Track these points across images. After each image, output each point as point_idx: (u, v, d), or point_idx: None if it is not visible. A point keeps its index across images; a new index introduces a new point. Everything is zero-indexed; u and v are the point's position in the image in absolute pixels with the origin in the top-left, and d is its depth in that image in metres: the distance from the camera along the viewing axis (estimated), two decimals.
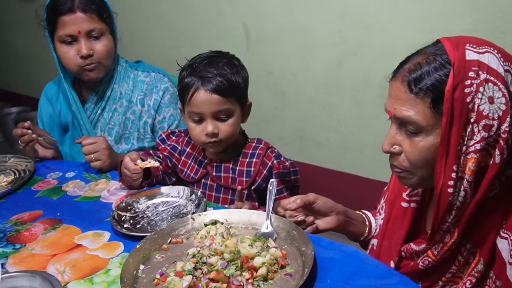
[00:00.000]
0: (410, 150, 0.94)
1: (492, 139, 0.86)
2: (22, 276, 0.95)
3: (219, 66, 1.33)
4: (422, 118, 0.89)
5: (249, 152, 1.44)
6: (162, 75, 1.82)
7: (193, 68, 1.34)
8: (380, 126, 1.00)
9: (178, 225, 1.15)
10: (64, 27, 1.61)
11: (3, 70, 5.29)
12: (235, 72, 1.33)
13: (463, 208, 0.92)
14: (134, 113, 1.78)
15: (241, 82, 1.35)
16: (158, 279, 0.96)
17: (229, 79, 1.31)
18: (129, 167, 1.36)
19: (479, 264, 0.95)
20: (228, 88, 1.31)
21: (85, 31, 1.62)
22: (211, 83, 1.30)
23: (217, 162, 1.46)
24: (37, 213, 1.36)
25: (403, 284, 0.91)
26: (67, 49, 1.64)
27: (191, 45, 3.10)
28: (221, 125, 1.35)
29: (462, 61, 0.86)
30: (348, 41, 2.32)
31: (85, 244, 1.17)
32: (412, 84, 0.89)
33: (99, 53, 1.66)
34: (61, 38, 1.63)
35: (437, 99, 0.87)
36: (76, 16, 1.60)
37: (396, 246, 1.09)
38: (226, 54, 1.40)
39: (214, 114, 1.33)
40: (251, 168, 1.41)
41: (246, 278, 0.91)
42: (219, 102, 1.31)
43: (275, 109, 2.79)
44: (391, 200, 1.14)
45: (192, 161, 1.51)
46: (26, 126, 1.64)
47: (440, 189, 0.90)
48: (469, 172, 0.88)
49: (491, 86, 0.85)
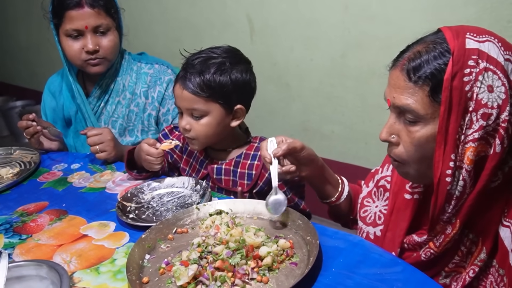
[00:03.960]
0: (408, 140, 0.93)
1: (491, 128, 0.86)
2: (29, 265, 0.96)
3: (207, 64, 1.30)
4: (420, 107, 0.89)
5: (251, 154, 1.42)
6: (165, 67, 1.81)
7: (186, 62, 1.35)
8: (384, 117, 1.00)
9: (183, 215, 1.16)
10: (71, 22, 1.60)
11: (8, 64, 5.30)
12: (219, 73, 1.30)
13: (463, 198, 0.92)
14: (138, 105, 1.78)
15: (225, 84, 1.30)
16: (164, 268, 0.97)
17: (206, 79, 1.29)
18: (152, 152, 1.37)
19: (482, 253, 0.95)
20: (201, 87, 1.29)
21: (92, 26, 1.61)
22: (185, 80, 1.30)
23: (218, 163, 1.43)
24: (43, 204, 1.37)
25: (408, 272, 0.92)
26: (72, 43, 1.64)
27: (194, 37, 3.10)
28: (194, 123, 1.33)
29: (461, 50, 0.85)
30: (353, 32, 2.31)
31: (90, 234, 1.17)
32: (411, 72, 0.89)
33: (105, 49, 1.66)
34: (67, 32, 1.63)
35: (436, 88, 0.86)
36: (83, 11, 1.60)
37: (399, 237, 1.09)
38: (229, 53, 1.36)
39: (188, 110, 1.33)
40: (252, 171, 1.38)
41: (251, 267, 0.92)
42: (190, 99, 1.31)
43: (279, 101, 2.78)
44: (394, 192, 1.13)
45: (193, 160, 1.51)
46: (31, 118, 1.65)
47: (439, 178, 0.90)
48: (468, 161, 0.87)
49: (491, 75, 0.84)
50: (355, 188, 1.34)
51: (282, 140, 1.16)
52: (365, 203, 1.25)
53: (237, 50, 1.40)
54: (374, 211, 1.20)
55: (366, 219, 1.21)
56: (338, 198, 1.27)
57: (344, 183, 1.29)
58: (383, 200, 1.19)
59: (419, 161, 0.94)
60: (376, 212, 1.19)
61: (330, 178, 1.26)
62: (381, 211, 1.18)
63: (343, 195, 1.27)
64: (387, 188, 1.19)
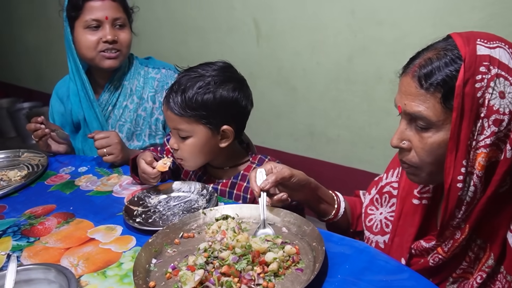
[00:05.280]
0: (420, 146, 0.93)
1: (503, 134, 0.86)
2: (37, 269, 0.97)
3: (192, 82, 1.27)
4: (432, 114, 0.89)
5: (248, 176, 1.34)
6: (172, 71, 1.82)
7: (177, 80, 1.32)
8: (390, 122, 1.00)
9: (189, 219, 1.16)
10: (91, 12, 1.63)
11: (15, 66, 5.33)
12: (202, 92, 1.25)
13: (473, 204, 0.92)
14: (145, 110, 1.79)
15: (209, 104, 1.26)
16: (170, 272, 0.97)
17: (188, 98, 1.25)
18: (148, 172, 1.36)
19: (490, 259, 0.95)
20: (183, 108, 1.26)
21: (112, 18, 1.66)
22: (169, 99, 1.28)
23: (215, 182, 1.41)
24: (51, 207, 1.38)
25: (414, 280, 0.91)
26: (90, 35, 1.66)
27: (201, 40, 3.11)
28: (180, 143, 1.31)
29: (473, 56, 0.85)
30: (359, 37, 2.31)
31: (98, 238, 1.18)
32: (423, 79, 0.89)
33: (122, 41, 1.69)
34: (86, 23, 1.64)
35: (448, 94, 0.87)
36: (104, 3, 1.64)
37: (407, 243, 1.09)
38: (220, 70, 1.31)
39: (174, 130, 1.31)
40: (247, 195, 1.36)
41: (257, 272, 0.92)
42: (173, 119, 1.28)
43: (285, 105, 2.78)
44: (402, 197, 1.13)
45: (193, 173, 1.50)
46: (39, 121, 1.66)
47: (450, 184, 0.90)
48: (479, 167, 0.88)
49: (502, 81, 0.85)
50: (352, 201, 1.34)
51: (271, 168, 1.15)
52: (368, 211, 1.25)
53: (230, 68, 1.36)
54: (379, 218, 1.20)
55: (373, 228, 1.21)
56: (335, 215, 1.26)
57: (339, 199, 1.28)
58: (388, 206, 1.19)
59: (431, 165, 0.95)
60: (382, 220, 1.19)
61: (325, 196, 1.26)
62: (387, 217, 1.18)
63: (339, 211, 1.26)
64: (393, 194, 1.19)
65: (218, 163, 1.43)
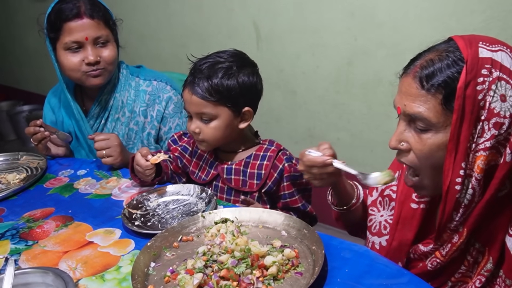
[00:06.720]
0: (419, 147, 0.93)
1: (503, 137, 0.86)
2: (35, 272, 0.96)
3: (214, 69, 1.33)
4: (433, 115, 0.89)
5: (260, 154, 1.43)
6: (164, 83, 1.78)
7: (193, 67, 1.38)
8: (390, 125, 1.00)
9: (188, 223, 1.16)
10: (70, 34, 1.57)
11: (15, 69, 5.33)
12: (226, 77, 1.32)
13: (471, 207, 0.91)
14: (137, 124, 1.77)
15: (233, 88, 1.33)
16: (169, 276, 0.97)
17: (214, 84, 1.31)
18: (141, 164, 1.39)
19: (489, 263, 0.95)
20: (209, 92, 1.31)
21: (92, 37, 1.59)
22: (194, 85, 1.33)
23: (228, 164, 1.45)
24: (49, 210, 1.37)
25: (414, 284, 0.91)
26: (72, 56, 1.60)
27: (201, 43, 3.11)
28: (203, 126, 1.36)
29: (475, 59, 0.85)
30: (359, 40, 2.31)
31: (96, 241, 1.18)
32: (424, 80, 0.89)
33: (105, 60, 1.63)
34: (66, 45, 1.59)
35: (449, 96, 0.86)
36: (83, 22, 1.57)
37: (405, 247, 1.08)
38: (235, 57, 1.39)
39: (197, 114, 1.36)
40: (261, 171, 1.40)
41: (256, 276, 0.92)
42: (199, 104, 1.33)
43: (285, 108, 2.78)
44: (400, 201, 1.13)
45: (203, 162, 1.52)
46: (38, 124, 1.66)
47: (448, 186, 0.90)
48: (478, 170, 0.87)
49: (504, 84, 0.85)
50: (365, 193, 1.34)
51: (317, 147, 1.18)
52: (370, 211, 1.24)
53: (243, 54, 1.43)
54: (379, 220, 1.20)
55: (372, 229, 1.20)
56: (357, 200, 1.26)
57: (357, 186, 1.29)
58: (388, 209, 1.19)
59: (431, 168, 0.94)
60: (381, 222, 1.19)
61: (347, 183, 1.27)
62: (387, 220, 1.18)
63: (360, 196, 1.27)
64: (392, 197, 1.18)
65: (231, 147, 1.47)
